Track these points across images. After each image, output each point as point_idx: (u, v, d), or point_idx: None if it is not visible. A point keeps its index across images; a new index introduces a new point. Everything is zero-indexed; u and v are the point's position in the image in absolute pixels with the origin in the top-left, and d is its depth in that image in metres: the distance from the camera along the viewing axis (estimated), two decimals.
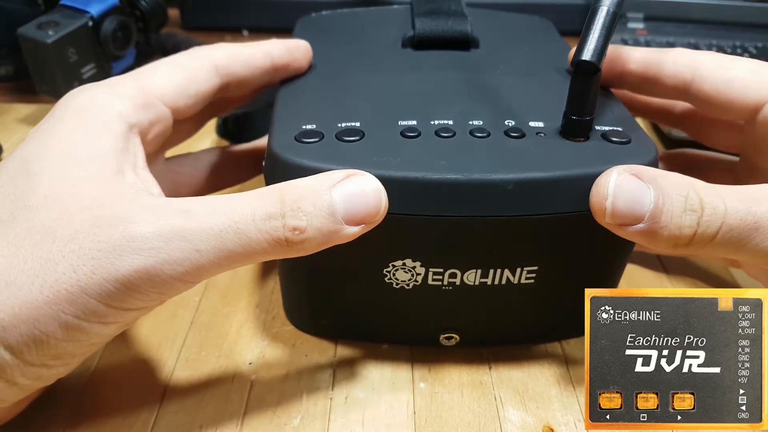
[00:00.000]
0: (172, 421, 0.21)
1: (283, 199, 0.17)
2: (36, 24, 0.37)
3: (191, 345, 0.24)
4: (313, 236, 0.17)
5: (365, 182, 0.17)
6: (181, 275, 0.16)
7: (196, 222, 0.16)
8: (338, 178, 0.17)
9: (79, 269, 0.16)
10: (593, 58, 0.19)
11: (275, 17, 0.56)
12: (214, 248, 0.16)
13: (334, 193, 0.17)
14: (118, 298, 0.16)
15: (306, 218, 0.17)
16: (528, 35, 0.30)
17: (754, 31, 0.53)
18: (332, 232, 0.17)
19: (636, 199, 0.17)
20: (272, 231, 0.17)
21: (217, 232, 0.16)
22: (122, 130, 0.19)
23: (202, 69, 0.22)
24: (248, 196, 0.17)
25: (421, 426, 0.21)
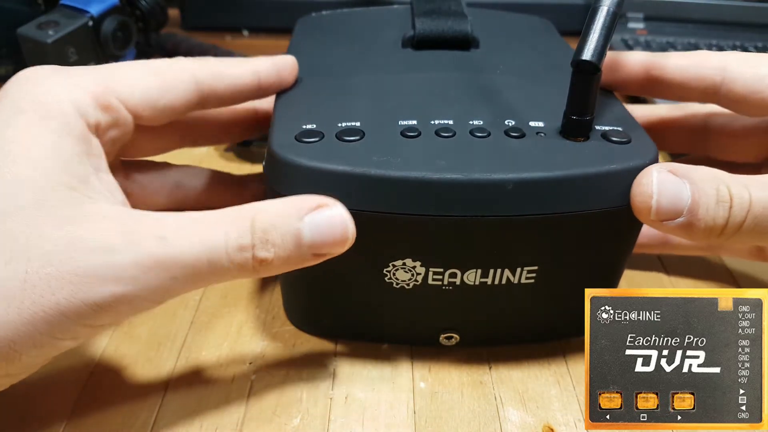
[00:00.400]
0: (172, 420, 0.21)
1: (254, 228, 0.17)
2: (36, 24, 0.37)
3: (191, 345, 0.24)
4: (278, 265, 0.18)
5: (334, 215, 0.18)
6: (156, 298, 0.17)
7: (172, 251, 0.16)
8: (309, 207, 0.18)
9: (58, 292, 0.16)
10: (593, 58, 0.19)
11: (275, 17, 0.56)
12: (188, 275, 0.17)
13: (302, 226, 0.17)
14: (93, 319, 0.16)
15: (274, 250, 0.17)
16: (528, 35, 0.30)
17: (754, 31, 0.53)
18: (295, 261, 0.18)
19: (676, 195, 0.18)
20: (242, 261, 0.17)
21: (192, 261, 0.17)
22: (82, 131, 0.18)
23: (180, 81, 0.21)
24: (221, 220, 0.17)
25: (421, 426, 0.21)
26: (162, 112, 0.21)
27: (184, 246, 0.17)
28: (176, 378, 0.22)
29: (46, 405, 0.21)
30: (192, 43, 0.48)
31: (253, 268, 0.17)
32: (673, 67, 0.23)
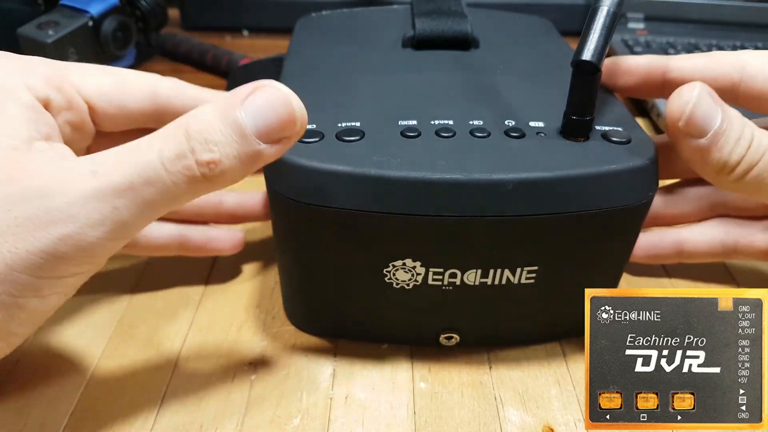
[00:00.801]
0: (172, 420, 0.21)
1: (188, 133, 0.16)
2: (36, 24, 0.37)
3: (191, 345, 0.24)
4: (231, 165, 0.16)
5: (271, 93, 0.16)
6: (106, 234, 0.16)
7: (106, 180, 0.16)
8: (243, 94, 0.16)
9: (2, 246, 0.15)
10: (593, 58, 0.19)
11: (275, 17, 0.56)
12: (131, 201, 0.16)
13: (240, 113, 0.16)
14: (47, 269, 0.16)
15: (217, 149, 0.16)
16: (528, 35, 0.30)
17: (754, 31, 0.53)
18: (250, 155, 0.16)
19: (709, 114, 0.19)
20: (185, 171, 0.16)
21: (129, 185, 0.16)
22: (30, 101, 0.18)
23: (138, 88, 0.21)
24: (153, 138, 0.16)
25: (421, 426, 0.21)
26: (117, 110, 0.21)
27: (116, 172, 0.16)
28: (176, 378, 0.22)
29: (48, 405, 0.21)
30: (192, 43, 0.48)
31: (203, 175, 0.16)
32: (690, 67, 0.23)
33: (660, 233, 0.27)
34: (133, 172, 0.16)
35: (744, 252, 0.26)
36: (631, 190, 0.19)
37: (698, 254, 0.27)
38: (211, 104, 0.17)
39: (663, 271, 0.29)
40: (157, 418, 0.21)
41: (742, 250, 0.26)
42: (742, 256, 0.27)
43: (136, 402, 0.21)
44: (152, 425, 0.21)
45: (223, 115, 0.16)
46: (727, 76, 0.23)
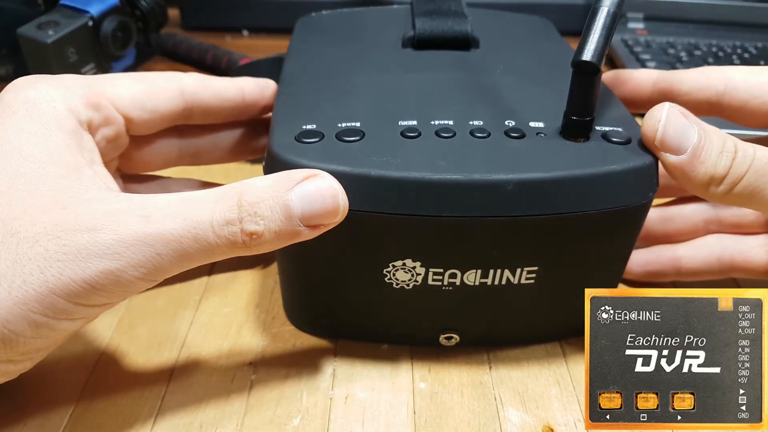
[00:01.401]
0: (172, 420, 0.21)
1: (240, 203, 0.17)
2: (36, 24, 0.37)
3: (191, 345, 0.24)
4: (270, 239, 0.17)
5: (323, 183, 0.18)
6: (143, 275, 0.17)
7: (155, 228, 0.17)
8: (297, 179, 0.18)
9: (47, 270, 0.16)
10: (593, 59, 0.19)
11: (275, 17, 0.56)
12: (174, 251, 0.17)
13: (291, 196, 0.17)
14: (84, 297, 0.17)
15: (263, 222, 0.17)
16: (528, 35, 0.30)
17: (754, 31, 0.53)
18: (289, 234, 0.18)
19: (683, 130, 0.19)
20: (230, 236, 0.17)
21: (177, 237, 0.17)
22: (73, 126, 0.19)
23: (166, 89, 0.22)
24: (207, 198, 0.17)
25: (421, 426, 0.21)
26: (151, 115, 0.22)
27: (167, 222, 0.17)
28: (176, 378, 0.23)
29: (47, 405, 0.21)
30: (192, 43, 0.48)
31: (244, 243, 0.17)
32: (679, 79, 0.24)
33: (657, 250, 0.27)
34: (183, 227, 0.17)
35: (740, 269, 0.27)
36: (631, 190, 0.19)
37: (695, 272, 0.27)
38: (267, 179, 0.18)
39: None
40: (157, 418, 0.21)
41: (739, 266, 0.26)
42: (738, 273, 0.27)
43: (136, 402, 0.21)
44: (152, 425, 0.21)
45: (276, 193, 0.17)
46: (712, 87, 0.24)
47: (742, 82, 0.23)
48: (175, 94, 0.22)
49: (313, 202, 0.17)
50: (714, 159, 0.19)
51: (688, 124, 0.19)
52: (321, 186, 0.18)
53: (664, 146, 0.19)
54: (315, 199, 0.17)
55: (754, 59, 0.48)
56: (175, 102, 0.22)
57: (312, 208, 0.17)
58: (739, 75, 0.24)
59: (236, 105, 0.24)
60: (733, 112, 0.24)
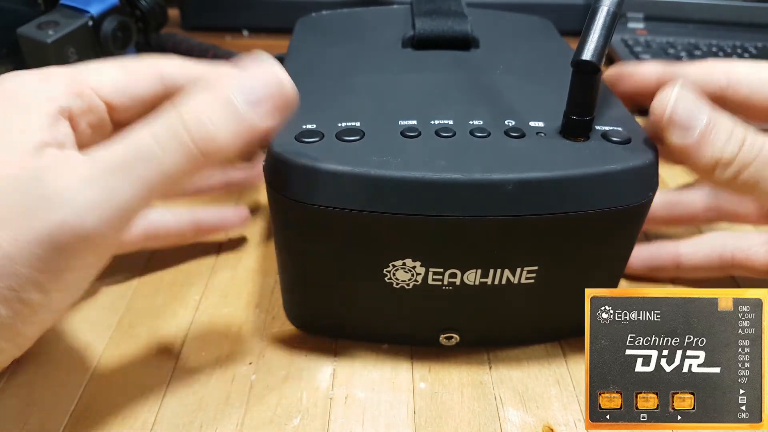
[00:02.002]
0: (172, 420, 0.21)
1: (179, 112, 0.16)
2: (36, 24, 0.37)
3: (191, 345, 0.24)
4: (225, 138, 0.16)
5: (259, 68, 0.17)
6: (104, 219, 0.16)
7: (100, 163, 0.16)
8: (232, 75, 0.17)
9: (2, 239, 0.15)
10: (593, 58, 0.19)
11: (275, 17, 0.56)
12: (126, 181, 0.16)
13: (230, 91, 0.17)
14: (48, 261, 0.16)
15: (206, 115, 0.16)
16: (528, 35, 0.30)
17: (754, 31, 0.53)
18: (240, 120, 0.17)
19: (694, 110, 0.19)
20: (177, 140, 0.16)
21: (122, 164, 0.16)
22: (50, 110, 0.19)
23: (146, 73, 0.22)
24: (145, 121, 0.17)
25: (421, 426, 0.21)
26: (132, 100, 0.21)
27: (108, 154, 0.16)
28: (176, 378, 0.22)
29: (47, 405, 0.21)
30: (192, 43, 0.48)
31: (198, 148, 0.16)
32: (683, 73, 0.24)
33: (658, 246, 0.27)
34: (126, 151, 0.16)
35: (741, 266, 0.27)
36: (631, 190, 0.19)
37: (696, 268, 0.27)
38: (201, 85, 0.17)
39: None
40: (157, 418, 0.21)
41: (739, 263, 0.26)
42: (739, 270, 0.27)
43: (136, 402, 0.21)
44: (152, 425, 0.21)
45: (214, 94, 0.17)
46: (716, 81, 0.24)
47: (745, 76, 0.23)
48: (153, 78, 0.22)
49: (255, 90, 0.17)
50: (722, 143, 0.19)
51: (700, 104, 0.19)
52: (258, 71, 0.17)
53: (673, 124, 0.19)
54: (256, 86, 0.17)
55: (754, 59, 0.48)
56: (154, 87, 0.22)
57: (257, 95, 0.17)
58: (743, 69, 0.24)
59: None
60: (736, 106, 0.24)
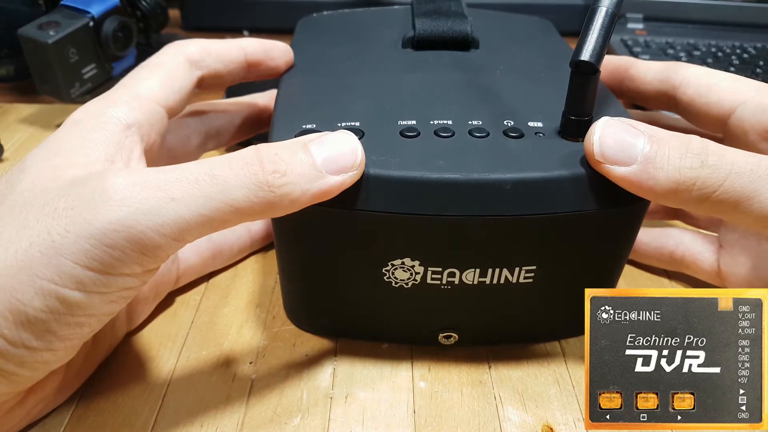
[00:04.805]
0: (172, 420, 0.21)
1: (258, 149, 0.17)
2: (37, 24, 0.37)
3: (192, 344, 0.24)
4: (294, 180, 0.17)
5: (338, 134, 0.18)
6: (159, 227, 0.16)
7: (169, 173, 0.16)
8: (313, 136, 0.18)
9: (53, 230, 0.15)
10: (592, 59, 0.19)
11: (276, 18, 0.56)
12: (191, 195, 0.16)
13: (309, 144, 0.18)
14: (95, 258, 0.15)
15: (284, 162, 0.17)
16: (528, 35, 0.30)
17: (754, 31, 0.53)
18: (313, 177, 0.17)
19: (627, 138, 0.18)
20: (251, 174, 0.16)
21: (192, 178, 0.16)
22: (117, 128, 0.19)
23: (179, 65, 0.22)
24: (221, 156, 0.17)
25: (421, 425, 0.21)
26: (181, 95, 0.22)
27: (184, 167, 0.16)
28: (177, 378, 0.23)
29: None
30: None
31: (268, 184, 0.16)
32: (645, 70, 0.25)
33: None
34: (199, 169, 0.16)
35: (688, 268, 0.27)
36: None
37: (647, 256, 0.28)
38: None
39: (663, 271, 0.29)
40: (157, 418, 0.21)
41: (687, 266, 0.27)
42: (686, 270, 0.28)
43: (136, 402, 0.21)
44: (152, 425, 0.21)
45: (294, 142, 0.18)
46: (672, 80, 0.24)
47: (695, 78, 0.23)
48: (187, 67, 0.22)
49: (330, 147, 0.17)
50: (676, 162, 0.17)
51: (633, 132, 0.18)
52: (336, 135, 0.18)
53: (606, 158, 0.18)
54: (331, 144, 0.18)
55: (754, 59, 0.48)
56: (192, 75, 0.22)
57: (330, 152, 0.17)
58: (695, 72, 0.23)
59: (240, 66, 0.24)
60: (683, 109, 0.24)
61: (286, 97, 0.23)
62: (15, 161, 0.37)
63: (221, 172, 0.16)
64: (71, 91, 0.38)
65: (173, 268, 0.25)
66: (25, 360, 0.16)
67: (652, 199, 0.18)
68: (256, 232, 0.28)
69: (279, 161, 0.17)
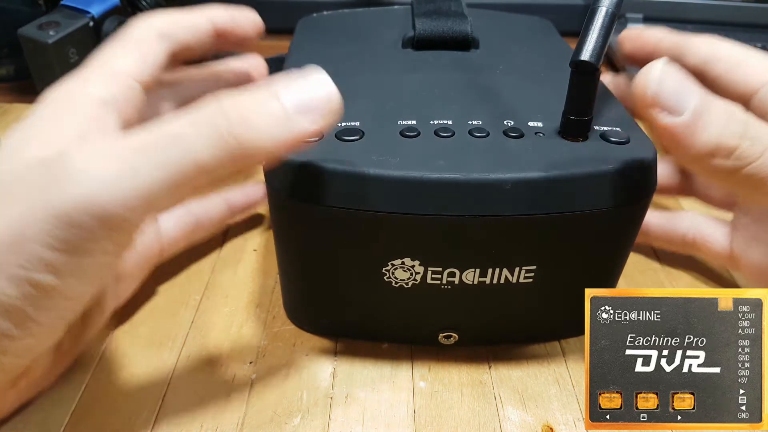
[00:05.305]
0: (172, 420, 0.21)
1: (220, 101, 0.16)
2: (37, 24, 0.37)
3: (192, 344, 0.24)
4: (262, 127, 0.15)
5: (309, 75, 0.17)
6: (123, 200, 0.15)
7: (127, 140, 0.15)
8: (283, 81, 0.16)
9: (16, 214, 0.15)
10: (592, 59, 0.19)
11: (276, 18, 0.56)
12: (152, 162, 0.15)
13: (279, 91, 0.16)
14: (61, 238, 0.15)
15: (250, 110, 0.15)
16: (528, 35, 0.30)
17: (754, 31, 0.53)
18: (286, 123, 0.16)
19: (683, 87, 0.17)
20: (214, 127, 0.15)
21: (151, 144, 0.15)
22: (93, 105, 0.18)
23: (151, 39, 0.21)
24: (182, 113, 0.16)
25: (421, 425, 0.21)
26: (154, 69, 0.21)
27: (142, 133, 0.15)
28: (176, 378, 0.23)
29: (47, 405, 0.21)
30: None
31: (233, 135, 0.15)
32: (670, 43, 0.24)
33: None
34: (159, 133, 0.15)
35: (700, 250, 0.27)
36: (630, 190, 0.19)
37: (660, 239, 0.28)
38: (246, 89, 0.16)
39: (663, 271, 0.29)
40: (157, 418, 0.21)
41: (699, 247, 0.27)
42: (698, 253, 0.27)
43: (136, 402, 0.21)
44: (152, 425, 0.21)
45: (263, 93, 0.16)
46: (701, 55, 0.23)
47: (724, 54, 0.23)
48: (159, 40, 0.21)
49: (300, 89, 0.16)
50: (721, 124, 0.16)
51: (690, 83, 0.17)
52: (305, 75, 0.17)
53: (659, 102, 0.16)
54: (301, 86, 0.16)
55: None
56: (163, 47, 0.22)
57: (300, 94, 0.16)
58: (725, 47, 0.23)
59: (209, 36, 0.23)
60: (710, 83, 0.23)
61: None
62: None
63: (182, 130, 0.15)
64: None
65: (155, 239, 0.24)
66: (8, 348, 0.16)
67: (687, 158, 0.17)
68: (233, 201, 0.28)
69: (244, 109, 0.15)
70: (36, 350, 0.17)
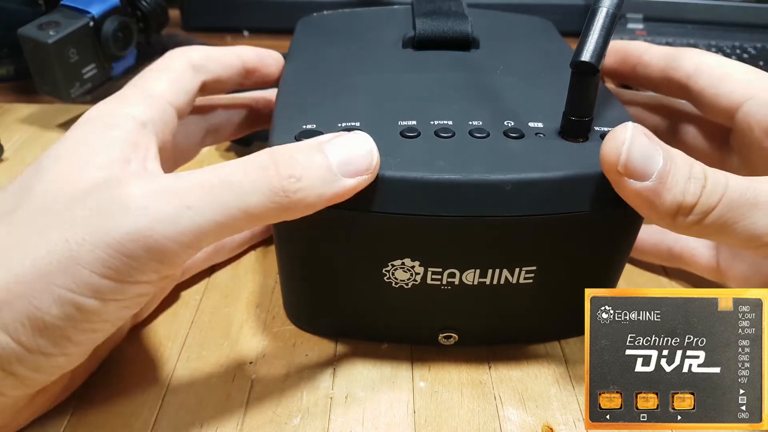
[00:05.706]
0: (172, 420, 0.21)
1: (272, 152, 0.17)
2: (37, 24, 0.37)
3: (192, 344, 0.24)
4: (310, 184, 0.17)
5: (354, 135, 0.18)
6: (176, 236, 0.16)
7: (185, 180, 0.16)
8: (328, 137, 0.18)
9: (71, 238, 0.15)
10: (592, 59, 0.19)
11: (276, 18, 0.56)
12: (207, 203, 0.16)
13: (325, 146, 0.17)
14: (112, 267, 0.16)
15: (300, 167, 0.17)
16: (528, 36, 0.30)
17: (754, 31, 0.53)
18: (329, 180, 0.17)
19: (649, 154, 0.17)
20: (266, 180, 0.16)
21: (208, 186, 0.16)
22: (133, 127, 0.19)
23: (184, 69, 0.23)
24: (236, 160, 0.17)
25: (421, 425, 0.21)
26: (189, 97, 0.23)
27: (199, 174, 0.16)
28: (176, 378, 0.23)
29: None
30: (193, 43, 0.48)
31: (283, 189, 0.16)
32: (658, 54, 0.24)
33: None
34: (214, 175, 0.16)
35: (685, 263, 0.27)
36: None
37: (644, 252, 0.28)
38: None
39: (663, 271, 0.29)
40: (157, 418, 0.21)
41: (685, 261, 0.27)
42: (683, 266, 0.27)
43: (136, 402, 0.21)
44: (152, 425, 0.21)
45: (308, 144, 0.17)
46: (685, 68, 0.23)
47: (708, 68, 0.23)
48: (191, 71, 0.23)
49: (347, 150, 0.17)
50: (682, 185, 0.17)
51: (654, 147, 0.17)
52: (353, 136, 0.18)
53: (629, 171, 0.17)
54: (348, 147, 0.17)
55: (754, 60, 0.48)
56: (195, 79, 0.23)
57: (347, 155, 0.17)
58: (710, 61, 0.23)
59: (238, 72, 0.25)
60: (694, 98, 0.24)
61: (286, 97, 0.23)
62: (15, 161, 0.37)
63: (236, 178, 0.16)
64: (71, 91, 0.38)
65: None
66: (41, 365, 0.17)
67: (653, 218, 0.18)
68: None
69: (294, 165, 0.17)
70: (65, 369, 0.18)
